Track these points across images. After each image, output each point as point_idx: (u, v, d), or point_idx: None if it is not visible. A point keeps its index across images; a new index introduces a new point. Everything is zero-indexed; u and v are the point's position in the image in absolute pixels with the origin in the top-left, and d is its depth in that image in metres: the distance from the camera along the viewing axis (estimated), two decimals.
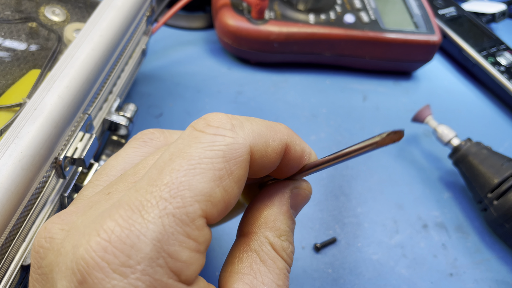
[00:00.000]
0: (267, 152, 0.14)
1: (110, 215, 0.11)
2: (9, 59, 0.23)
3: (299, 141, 0.16)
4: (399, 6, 0.42)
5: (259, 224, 0.15)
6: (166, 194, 0.11)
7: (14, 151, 0.17)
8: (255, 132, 0.14)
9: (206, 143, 0.13)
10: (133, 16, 0.26)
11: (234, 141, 0.13)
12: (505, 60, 0.43)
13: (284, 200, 0.16)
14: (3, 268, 0.17)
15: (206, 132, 0.13)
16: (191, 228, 0.12)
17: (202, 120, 0.13)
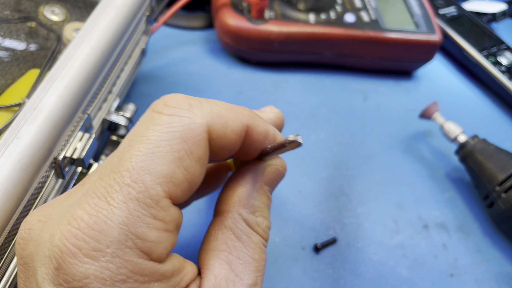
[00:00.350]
0: (226, 133, 0.14)
1: (79, 204, 0.12)
2: (9, 59, 0.23)
3: (261, 123, 0.16)
4: (400, 6, 0.42)
5: (233, 202, 0.15)
6: (128, 179, 0.12)
7: (13, 151, 0.17)
8: (214, 112, 0.14)
9: (163, 125, 0.13)
10: (133, 15, 0.26)
11: (191, 121, 0.13)
12: (506, 60, 0.43)
13: (257, 178, 0.16)
14: (3, 268, 0.17)
15: (163, 113, 0.13)
16: (156, 209, 0.12)
17: (160, 101, 0.13)
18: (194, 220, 0.28)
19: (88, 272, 0.11)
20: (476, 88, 0.44)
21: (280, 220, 0.29)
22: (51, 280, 0.11)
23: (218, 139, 0.14)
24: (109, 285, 0.11)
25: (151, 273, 0.12)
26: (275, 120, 0.19)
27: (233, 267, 0.14)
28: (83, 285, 0.11)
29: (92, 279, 0.11)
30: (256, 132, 0.15)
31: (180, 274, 0.13)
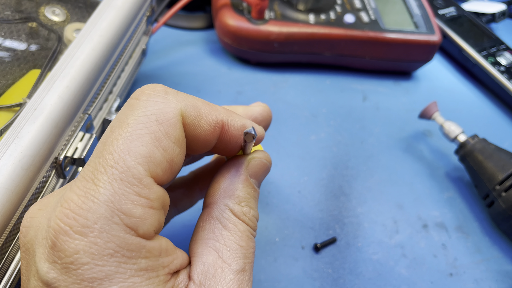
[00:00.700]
0: (200, 122, 0.15)
1: (71, 188, 0.13)
2: (9, 59, 0.23)
3: (238, 118, 0.16)
4: (399, 6, 0.42)
5: (219, 194, 0.16)
6: (111, 161, 0.13)
7: (14, 151, 0.17)
8: (188, 101, 0.15)
9: (140, 110, 0.14)
10: (133, 16, 0.26)
11: (165, 105, 0.14)
12: (505, 60, 0.43)
13: (241, 170, 0.17)
14: (3, 268, 0.17)
15: (140, 99, 0.14)
16: (140, 187, 0.13)
17: (139, 89, 0.14)
18: (194, 220, 0.28)
19: (78, 248, 0.12)
20: (475, 88, 0.44)
21: (280, 220, 0.29)
22: (47, 258, 0.12)
23: (192, 126, 0.15)
24: (97, 259, 0.12)
25: (138, 248, 0.13)
26: (261, 113, 0.20)
27: (221, 254, 0.15)
28: (74, 260, 0.12)
29: (82, 254, 0.12)
30: (233, 127, 0.16)
31: (169, 257, 0.14)
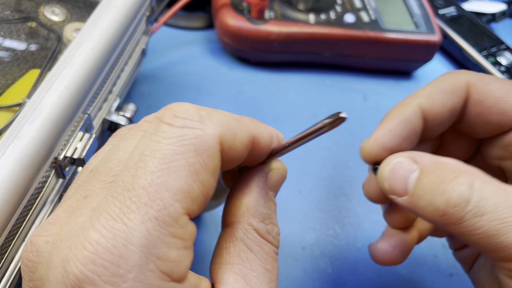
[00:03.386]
0: (235, 144, 0.14)
1: (92, 225, 0.11)
2: (9, 59, 0.23)
3: (265, 129, 0.16)
4: (399, 6, 0.42)
5: (242, 212, 0.15)
6: (145, 198, 0.11)
7: (14, 151, 0.17)
8: (223, 123, 0.14)
9: (176, 138, 0.12)
10: (133, 15, 0.26)
11: (203, 133, 0.13)
12: (505, 60, 0.43)
13: (261, 184, 0.16)
14: (3, 268, 0.17)
15: (173, 124, 0.12)
16: (176, 227, 0.12)
17: (168, 110, 0.13)
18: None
19: None
20: None
21: (280, 220, 0.29)
22: None
23: (228, 150, 0.14)
24: None
25: None
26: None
27: (248, 280, 0.14)
28: None
29: None
30: (262, 139, 0.16)
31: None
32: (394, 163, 0.17)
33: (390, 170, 0.17)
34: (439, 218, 0.15)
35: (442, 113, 0.18)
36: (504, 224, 0.14)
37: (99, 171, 0.14)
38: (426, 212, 0.15)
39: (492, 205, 0.14)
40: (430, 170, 0.15)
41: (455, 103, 0.18)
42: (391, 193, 0.17)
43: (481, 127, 0.19)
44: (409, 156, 0.17)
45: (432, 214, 0.15)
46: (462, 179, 0.15)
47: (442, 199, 0.14)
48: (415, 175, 0.16)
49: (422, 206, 0.15)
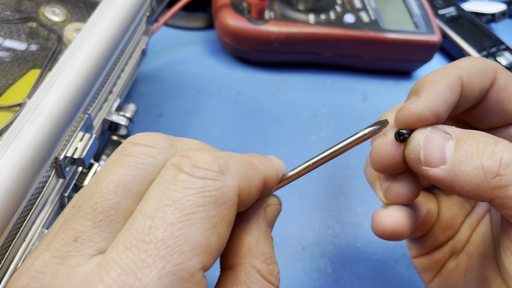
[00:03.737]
0: (250, 191, 0.14)
1: (101, 279, 0.10)
2: (9, 59, 0.23)
3: (273, 168, 0.16)
4: (399, 6, 0.42)
5: (243, 253, 0.15)
6: (163, 251, 0.11)
7: (14, 151, 0.17)
8: (241, 172, 0.14)
9: (197, 189, 0.12)
10: (133, 16, 0.26)
11: (224, 185, 0.12)
12: (505, 60, 0.43)
13: (261, 222, 0.16)
14: (3, 268, 0.17)
15: (194, 175, 0.12)
16: (191, 283, 0.11)
17: (187, 159, 0.13)
18: None
19: None
20: None
21: (280, 220, 0.29)
22: None
23: (244, 198, 0.14)
24: None
25: None
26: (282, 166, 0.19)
27: None
28: None
29: None
30: (272, 179, 0.16)
31: None
32: (429, 131, 0.16)
33: (426, 138, 0.16)
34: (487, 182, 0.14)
35: (475, 90, 0.17)
36: None
37: (83, 207, 0.13)
38: (471, 179, 0.14)
39: None
40: (467, 137, 0.15)
41: (486, 83, 0.18)
42: (426, 163, 0.16)
43: (496, 115, 0.18)
44: (438, 127, 0.16)
45: (478, 180, 0.14)
46: (504, 143, 0.14)
47: (495, 159, 0.14)
48: (452, 143, 0.15)
49: (466, 172, 0.14)
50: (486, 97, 0.18)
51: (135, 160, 0.13)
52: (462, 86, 0.17)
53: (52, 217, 0.21)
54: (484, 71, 0.18)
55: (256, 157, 0.15)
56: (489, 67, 0.18)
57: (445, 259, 0.21)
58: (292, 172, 0.17)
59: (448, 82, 0.17)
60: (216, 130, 0.34)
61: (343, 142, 0.16)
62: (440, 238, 0.22)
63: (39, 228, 0.20)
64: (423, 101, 0.16)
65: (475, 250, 0.20)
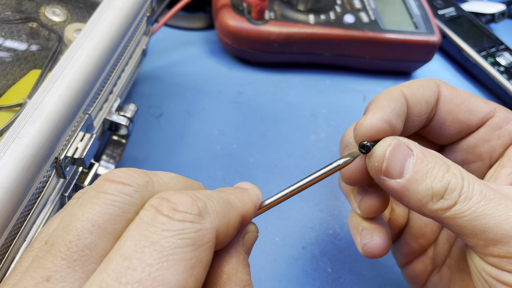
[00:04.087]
0: (228, 231, 0.14)
1: None
2: (10, 59, 0.23)
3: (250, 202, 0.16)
4: (399, 7, 0.43)
5: (223, 281, 0.15)
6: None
7: (15, 151, 0.17)
8: (219, 213, 0.14)
9: (176, 231, 0.12)
10: (134, 16, 0.26)
11: (202, 227, 0.13)
12: (504, 60, 0.43)
13: (239, 250, 0.16)
14: (3, 268, 0.17)
15: (173, 218, 0.12)
16: None
17: (166, 202, 0.13)
18: None
19: None
20: (475, 88, 0.44)
21: (280, 220, 0.29)
22: None
23: (222, 238, 0.14)
24: None
25: None
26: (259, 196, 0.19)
27: None
28: None
29: None
30: (249, 213, 0.16)
31: None
32: (395, 144, 0.17)
33: (391, 151, 0.17)
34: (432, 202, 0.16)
35: (421, 102, 0.19)
36: (487, 205, 0.15)
37: (57, 245, 0.12)
38: (420, 197, 0.16)
39: (477, 190, 0.16)
40: (426, 157, 0.17)
41: (430, 96, 0.20)
42: (386, 174, 0.17)
43: (450, 126, 0.20)
44: (403, 141, 0.17)
45: (427, 199, 0.16)
46: (454, 170, 0.16)
47: (443, 184, 0.16)
48: (413, 161, 0.17)
49: (418, 191, 0.16)
50: (436, 110, 0.20)
51: (111, 198, 0.13)
52: (406, 99, 0.19)
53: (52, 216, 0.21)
54: (425, 86, 0.20)
55: (233, 193, 0.16)
56: (430, 82, 0.20)
57: (428, 272, 0.22)
58: (269, 201, 0.17)
59: (392, 95, 0.19)
60: (216, 130, 0.34)
61: (317, 173, 0.18)
62: (414, 246, 0.23)
63: (39, 228, 0.20)
64: (372, 113, 0.18)
65: (455, 264, 0.21)
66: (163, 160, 0.31)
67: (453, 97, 0.20)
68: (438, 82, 0.20)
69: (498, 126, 0.19)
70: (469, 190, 0.16)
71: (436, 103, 0.20)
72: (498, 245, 0.15)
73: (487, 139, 0.20)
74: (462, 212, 0.15)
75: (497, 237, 0.15)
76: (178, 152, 0.32)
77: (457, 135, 0.21)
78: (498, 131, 0.19)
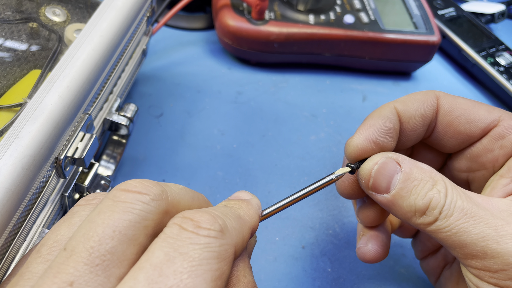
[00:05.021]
0: (243, 245, 0.15)
1: None
2: (10, 59, 0.23)
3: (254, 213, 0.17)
4: (399, 7, 0.43)
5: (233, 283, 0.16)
6: None
7: (15, 151, 0.17)
8: (236, 229, 0.15)
9: (202, 244, 0.13)
10: (134, 16, 0.26)
11: (225, 242, 0.14)
12: (504, 60, 0.43)
13: (244, 254, 0.17)
14: (3, 268, 0.18)
15: (199, 233, 0.13)
16: None
17: (189, 220, 0.14)
18: None
19: None
20: (474, 89, 0.44)
21: (280, 220, 0.29)
22: None
23: (238, 252, 0.15)
24: None
25: None
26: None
27: None
28: None
29: None
30: (256, 225, 0.17)
31: None
32: (382, 162, 0.18)
33: (378, 169, 0.18)
34: (415, 218, 0.17)
35: (415, 117, 0.20)
36: (466, 223, 0.16)
37: (77, 250, 0.13)
38: (405, 212, 0.18)
39: (458, 207, 0.16)
40: (414, 172, 0.18)
41: (426, 110, 0.20)
42: (373, 189, 0.18)
43: (452, 138, 0.21)
44: (392, 157, 0.18)
45: (410, 214, 0.17)
46: (439, 187, 0.17)
47: (424, 202, 0.17)
48: (399, 177, 0.18)
49: (402, 206, 0.18)
50: (437, 123, 0.21)
51: (130, 206, 0.13)
52: (399, 114, 0.20)
53: (52, 216, 0.21)
54: (421, 99, 0.20)
55: (241, 208, 0.17)
56: (427, 95, 0.20)
57: (440, 267, 0.23)
58: (266, 212, 0.18)
59: (381, 114, 0.20)
60: (216, 130, 0.34)
61: (311, 186, 0.19)
62: (428, 244, 0.24)
63: (39, 227, 0.20)
64: (358, 134, 0.19)
65: None
66: (163, 160, 0.31)
67: (453, 109, 0.20)
68: (437, 94, 0.21)
69: (501, 136, 0.20)
70: (450, 208, 0.17)
71: (436, 115, 0.20)
72: (476, 260, 0.16)
73: (489, 149, 0.20)
74: (442, 228, 0.17)
75: (474, 252, 0.16)
76: (178, 152, 0.32)
77: (460, 145, 0.21)
78: (501, 141, 0.20)
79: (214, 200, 0.29)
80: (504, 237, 0.16)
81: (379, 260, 0.21)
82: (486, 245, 0.16)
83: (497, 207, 0.17)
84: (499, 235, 0.16)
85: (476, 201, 0.17)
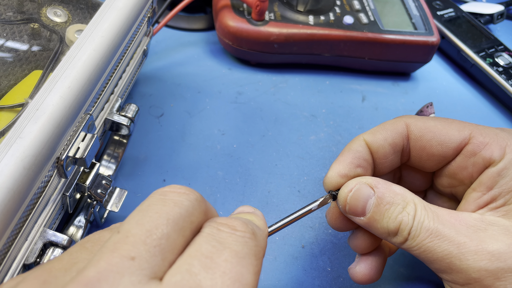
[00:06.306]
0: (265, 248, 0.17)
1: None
2: (12, 60, 0.23)
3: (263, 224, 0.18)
4: (398, 7, 0.43)
5: None
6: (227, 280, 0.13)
7: (17, 151, 0.17)
8: (262, 236, 0.16)
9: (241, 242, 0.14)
10: (135, 17, 0.27)
11: (258, 244, 0.15)
12: (503, 61, 0.43)
13: None
14: (6, 267, 0.18)
15: (236, 234, 0.15)
16: None
17: (224, 225, 0.15)
18: None
19: None
20: (473, 89, 0.44)
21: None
22: None
23: None
24: None
25: None
26: None
27: None
28: None
29: None
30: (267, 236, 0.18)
31: None
32: (356, 189, 0.20)
33: (352, 195, 0.20)
34: (390, 237, 0.19)
35: (383, 146, 0.22)
36: (431, 242, 0.18)
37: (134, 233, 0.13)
38: (380, 232, 0.20)
39: (425, 227, 0.18)
40: (386, 196, 0.19)
41: (394, 138, 0.22)
42: (350, 213, 0.20)
43: (428, 160, 0.22)
44: (366, 182, 0.20)
45: (385, 235, 0.20)
46: (409, 209, 0.19)
47: (395, 225, 0.19)
48: (373, 201, 0.19)
49: (377, 228, 0.20)
50: (410, 148, 0.22)
51: (179, 201, 0.14)
52: (368, 146, 0.22)
53: (53, 216, 0.21)
54: (389, 129, 0.22)
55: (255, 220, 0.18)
56: (396, 124, 0.22)
57: None
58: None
59: (351, 148, 0.22)
60: (217, 130, 0.34)
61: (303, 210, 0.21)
62: None
63: (41, 227, 0.20)
64: (330, 170, 0.22)
65: None
66: (164, 159, 0.31)
67: (423, 134, 0.21)
68: (406, 121, 0.22)
69: (472, 153, 0.21)
70: (417, 228, 0.18)
71: (407, 141, 0.22)
72: (445, 274, 0.18)
73: (463, 166, 0.21)
74: (412, 247, 0.19)
75: (442, 268, 0.18)
76: (178, 151, 0.32)
77: (437, 165, 0.22)
78: (473, 158, 0.21)
79: (214, 200, 0.30)
80: (466, 254, 0.17)
81: (369, 282, 0.22)
82: (450, 262, 0.18)
83: (465, 223, 0.18)
84: (461, 252, 0.17)
85: (444, 219, 0.18)
